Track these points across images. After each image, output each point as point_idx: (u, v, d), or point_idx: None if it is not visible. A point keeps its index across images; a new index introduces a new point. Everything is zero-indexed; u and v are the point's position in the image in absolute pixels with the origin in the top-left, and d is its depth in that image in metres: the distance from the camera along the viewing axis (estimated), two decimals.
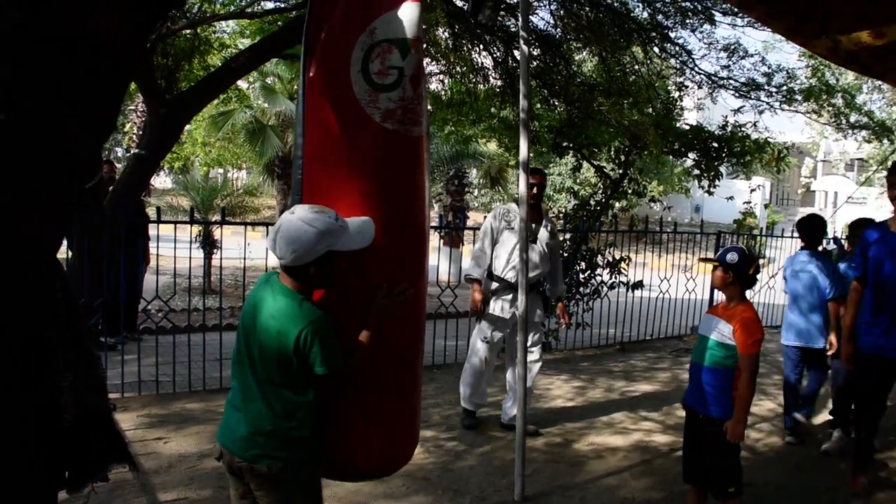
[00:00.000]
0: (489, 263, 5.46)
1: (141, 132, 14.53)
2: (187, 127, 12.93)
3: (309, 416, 2.50)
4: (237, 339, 2.60)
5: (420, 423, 3.07)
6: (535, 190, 5.29)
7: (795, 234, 10.21)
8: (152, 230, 8.06)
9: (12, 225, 1.85)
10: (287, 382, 2.46)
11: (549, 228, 5.56)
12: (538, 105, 9.20)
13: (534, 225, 5.36)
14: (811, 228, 5.67)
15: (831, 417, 5.60)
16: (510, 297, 5.36)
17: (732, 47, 9.17)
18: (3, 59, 1.75)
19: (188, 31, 8.82)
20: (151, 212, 9.04)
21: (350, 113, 2.53)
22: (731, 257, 3.65)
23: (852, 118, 10.67)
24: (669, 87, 9.97)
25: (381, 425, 2.70)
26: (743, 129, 8.92)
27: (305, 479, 2.59)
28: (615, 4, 8.47)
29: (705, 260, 4.08)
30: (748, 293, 3.77)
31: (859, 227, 5.48)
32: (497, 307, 5.41)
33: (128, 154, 21.60)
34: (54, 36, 1.80)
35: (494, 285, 5.45)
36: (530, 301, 5.25)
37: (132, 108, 22.02)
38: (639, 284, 8.91)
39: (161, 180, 26.86)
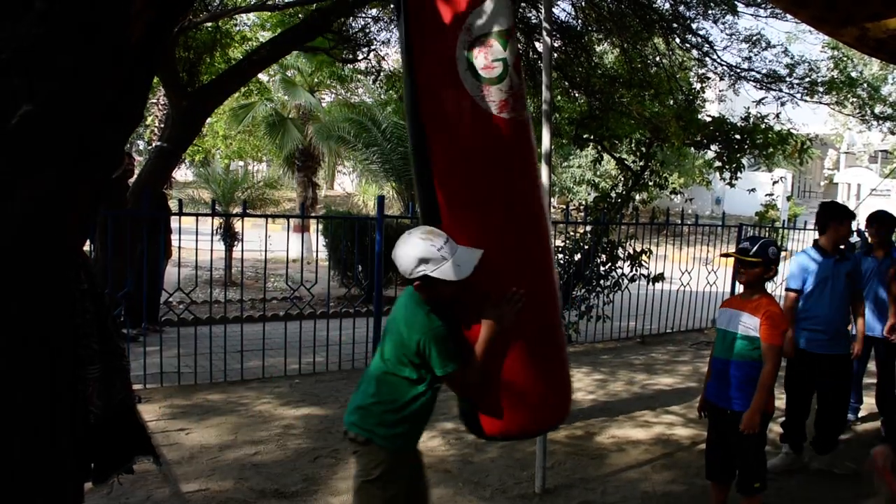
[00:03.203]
0: None
1: (163, 125, 14.61)
2: (208, 119, 13.05)
3: (410, 408, 2.75)
4: None
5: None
6: None
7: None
8: (174, 223, 8.10)
9: (27, 221, 1.84)
10: (402, 375, 2.74)
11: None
12: (559, 97, 9.16)
13: None
14: None
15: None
16: None
17: (755, 38, 9.07)
18: (24, 48, 1.75)
19: (210, 24, 8.86)
20: (173, 204, 9.10)
21: (468, 111, 2.65)
22: (773, 251, 3.61)
23: (877, 109, 10.53)
24: (691, 79, 9.87)
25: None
26: (765, 120, 8.82)
27: (386, 462, 2.78)
28: None
29: (739, 257, 3.73)
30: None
31: (877, 221, 5.47)
32: None
33: (150, 147, 21.75)
34: (72, 25, 1.79)
35: None
36: None
37: (153, 101, 22.15)
38: (659, 277, 8.86)
39: (182, 173, 27.04)
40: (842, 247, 4.90)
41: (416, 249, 2.64)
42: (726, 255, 3.90)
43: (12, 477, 1.89)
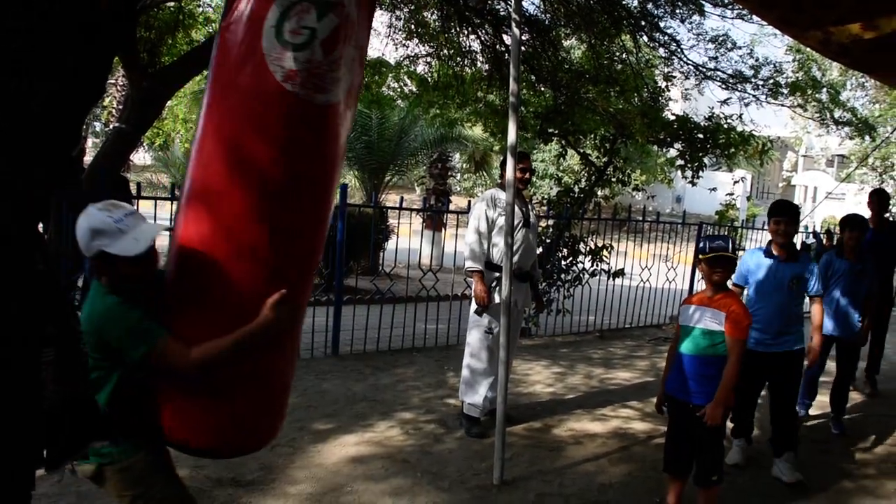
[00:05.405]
0: (487, 253, 5.15)
1: (121, 106, 14.33)
2: (168, 102, 12.83)
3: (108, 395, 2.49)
4: None
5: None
6: (527, 174, 5.20)
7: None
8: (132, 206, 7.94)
9: (24, 220, 1.81)
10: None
11: (534, 211, 5.55)
12: (525, 91, 9.16)
13: (523, 209, 5.22)
14: None
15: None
16: (514, 285, 5.05)
17: (721, 39, 9.17)
18: (24, 48, 1.71)
19: (172, 4, 8.70)
20: (132, 188, 8.93)
21: (255, 68, 2.37)
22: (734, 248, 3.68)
23: (836, 114, 10.72)
24: (657, 77, 9.95)
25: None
26: (728, 121, 8.93)
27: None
28: None
29: (727, 255, 3.65)
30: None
31: (853, 225, 5.55)
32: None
33: (107, 129, 21.36)
34: (72, 25, 1.77)
35: (496, 274, 5.09)
36: (528, 287, 5.36)
37: (112, 81, 21.72)
38: (619, 273, 8.94)
39: (140, 156, 26.59)
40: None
41: (91, 220, 2.35)
42: (714, 257, 3.71)
43: (12, 477, 1.86)
